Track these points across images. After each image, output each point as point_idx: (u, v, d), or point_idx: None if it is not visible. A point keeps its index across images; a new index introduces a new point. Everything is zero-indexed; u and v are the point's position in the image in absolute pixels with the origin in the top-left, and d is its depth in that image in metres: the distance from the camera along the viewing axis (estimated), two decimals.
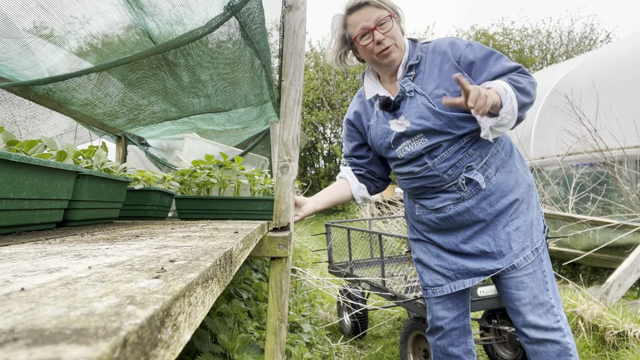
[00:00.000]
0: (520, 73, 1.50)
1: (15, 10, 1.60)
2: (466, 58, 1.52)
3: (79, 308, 0.31)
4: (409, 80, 1.58)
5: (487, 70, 1.50)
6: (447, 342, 1.74)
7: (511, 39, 17.45)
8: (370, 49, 1.55)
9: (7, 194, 0.94)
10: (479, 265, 1.60)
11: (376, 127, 1.69)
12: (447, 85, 1.53)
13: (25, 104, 2.14)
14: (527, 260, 1.56)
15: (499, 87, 1.37)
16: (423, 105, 1.55)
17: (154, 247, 0.72)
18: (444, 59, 1.55)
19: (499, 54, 1.54)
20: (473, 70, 1.52)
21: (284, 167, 1.55)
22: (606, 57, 6.21)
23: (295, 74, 1.57)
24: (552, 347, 1.54)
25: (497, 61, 1.52)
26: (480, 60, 1.52)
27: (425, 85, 1.56)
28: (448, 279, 1.67)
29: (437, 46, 1.59)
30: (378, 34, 1.51)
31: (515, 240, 1.57)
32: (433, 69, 1.56)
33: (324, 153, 16.86)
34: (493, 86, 1.38)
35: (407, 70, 1.59)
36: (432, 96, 1.54)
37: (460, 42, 1.57)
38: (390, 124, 1.64)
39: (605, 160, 4.94)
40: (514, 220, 1.58)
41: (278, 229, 1.56)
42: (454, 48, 1.55)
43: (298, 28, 1.58)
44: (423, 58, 1.59)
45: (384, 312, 3.90)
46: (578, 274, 4.61)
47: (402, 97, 1.59)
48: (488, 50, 1.54)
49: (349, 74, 16.47)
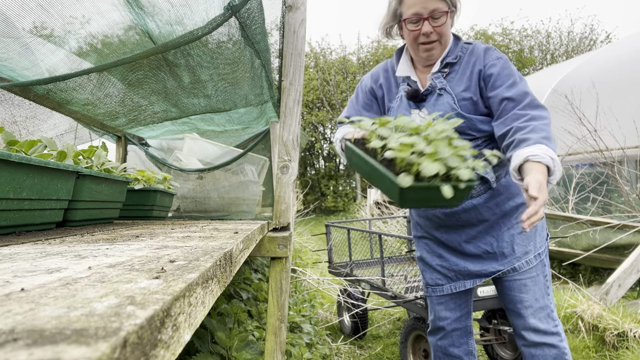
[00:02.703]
0: (536, 107, 1.44)
1: (15, 10, 1.60)
2: (490, 69, 1.51)
3: (79, 308, 0.31)
4: (442, 77, 1.57)
5: (501, 92, 1.47)
6: (448, 343, 1.74)
7: (511, 39, 17.46)
8: (415, 36, 1.51)
9: (7, 194, 0.94)
10: (481, 267, 1.60)
11: (397, 111, 1.64)
12: (474, 88, 1.53)
13: (25, 104, 2.14)
14: (529, 264, 1.58)
15: (547, 158, 1.29)
16: (448, 104, 1.54)
17: (154, 248, 0.72)
18: (476, 62, 1.55)
19: (518, 78, 1.50)
20: (489, 83, 1.51)
21: (284, 167, 1.55)
22: (606, 58, 6.21)
23: (295, 74, 1.57)
24: (549, 351, 1.56)
25: (512, 86, 1.47)
26: (499, 78, 1.49)
27: (455, 86, 1.55)
28: (449, 279, 1.67)
29: (476, 49, 1.58)
30: (428, 25, 1.47)
31: (518, 244, 1.58)
32: (466, 71, 1.55)
33: (324, 153, 16.86)
34: (542, 160, 1.28)
35: (442, 66, 1.57)
36: (459, 98, 1.53)
37: (494, 52, 1.56)
38: (412, 114, 1.61)
39: (605, 161, 4.94)
40: (519, 224, 1.58)
41: (278, 229, 1.56)
42: (487, 54, 1.55)
43: (298, 28, 1.58)
44: (461, 58, 1.58)
45: (384, 312, 3.90)
46: (578, 274, 4.61)
47: (430, 92, 1.58)
48: (510, 71, 1.51)
49: (349, 74, 16.48)
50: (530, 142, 1.34)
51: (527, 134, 1.36)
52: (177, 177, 3.12)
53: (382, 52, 16.31)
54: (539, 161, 1.28)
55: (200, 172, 3.16)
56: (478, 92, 1.53)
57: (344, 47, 17.42)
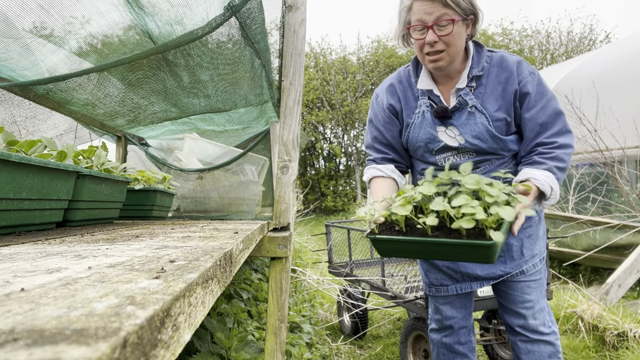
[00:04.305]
0: (564, 134, 1.44)
1: (16, 10, 1.60)
2: (525, 86, 1.44)
3: (79, 308, 0.31)
4: (470, 92, 1.47)
5: (535, 116, 1.45)
6: (454, 340, 1.75)
7: (510, 39, 17.45)
8: (420, 45, 1.41)
9: (7, 194, 0.94)
10: (489, 270, 1.60)
11: (419, 128, 1.54)
12: (507, 108, 1.45)
13: (25, 104, 2.14)
14: (535, 267, 1.60)
15: (546, 186, 1.36)
16: (482, 125, 1.45)
17: (154, 248, 0.72)
18: (509, 79, 1.45)
19: (550, 95, 1.47)
20: (524, 103, 1.46)
21: (284, 167, 1.55)
22: (606, 58, 6.21)
23: (295, 74, 1.57)
24: (545, 347, 1.60)
25: (546, 108, 1.45)
26: (533, 98, 1.45)
27: (486, 104, 1.46)
28: (455, 280, 1.67)
29: (505, 61, 1.47)
30: (432, 34, 1.35)
31: (527, 247, 1.59)
32: (497, 86, 1.45)
33: (324, 153, 16.86)
34: (540, 186, 1.36)
35: (469, 80, 1.47)
36: (493, 118, 1.45)
37: (527, 66, 1.48)
38: (439, 132, 1.52)
39: (605, 161, 4.94)
40: (527, 229, 1.59)
41: (278, 229, 1.56)
42: (519, 69, 1.46)
43: (298, 28, 1.58)
44: (487, 70, 1.47)
45: (384, 312, 3.90)
46: (578, 274, 4.61)
47: (459, 109, 1.48)
48: (543, 88, 1.47)
49: (349, 74, 16.48)
50: (543, 166, 1.40)
51: (545, 159, 1.41)
52: (177, 177, 3.12)
53: (382, 52, 16.30)
54: (538, 186, 1.36)
55: (200, 172, 3.16)
56: (512, 112, 1.47)
57: (344, 47, 17.41)
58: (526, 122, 1.46)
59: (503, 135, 1.47)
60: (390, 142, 1.64)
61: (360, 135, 16.43)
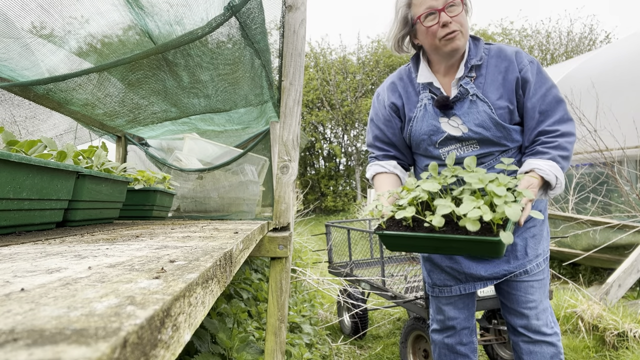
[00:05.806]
0: (566, 122, 1.45)
1: (16, 10, 1.60)
2: (526, 74, 1.47)
3: (79, 308, 0.31)
4: (470, 81, 1.49)
5: (535, 104, 1.46)
6: (456, 341, 1.74)
7: (510, 40, 17.47)
8: (433, 31, 1.42)
9: (7, 194, 0.94)
10: (493, 270, 1.59)
11: (422, 121, 1.56)
12: (509, 96, 1.47)
13: (25, 104, 2.14)
14: (539, 267, 1.60)
15: (551, 176, 1.37)
16: (485, 113, 1.47)
17: (154, 248, 0.72)
18: (509, 67, 1.47)
19: (550, 83, 1.48)
20: (526, 90, 1.47)
21: (284, 167, 1.55)
22: (606, 58, 6.21)
23: (295, 74, 1.57)
24: (547, 349, 1.60)
25: (546, 96, 1.46)
26: (534, 86, 1.47)
27: (487, 92, 1.48)
28: (458, 281, 1.66)
29: (503, 51, 1.50)
30: (445, 16, 1.39)
31: (531, 247, 1.59)
32: (497, 76, 1.48)
33: (324, 153, 16.86)
34: (545, 176, 1.36)
35: (467, 70, 1.49)
36: (495, 106, 1.46)
37: (524, 54, 1.50)
38: (441, 123, 1.53)
39: (605, 161, 4.94)
40: (531, 229, 1.59)
41: (278, 229, 1.56)
42: (519, 58, 1.48)
43: (298, 28, 1.58)
44: (485, 60, 1.50)
45: (384, 312, 3.90)
46: (578, 274, 4.61)
47: (460, 98, 1.50)
48: (543, 77, 1.48)
49: (349, 74, 16.48)
50: (546, 156, 1.41)
51: (548, 148, 1.42)
52: (177, 177, 3.12)
53: (382, 51, 16.31)
54: (542, 176, 1.36)
55: (200, 172, 3.16)
56: (515, 101, 1.48)
57: (344, 47, 17.42)
58: (527, 110, 1.48)
59: (507, 124, 1.48)
60: (392, 140, 1.66)
61: (360, 135, 16.43)
